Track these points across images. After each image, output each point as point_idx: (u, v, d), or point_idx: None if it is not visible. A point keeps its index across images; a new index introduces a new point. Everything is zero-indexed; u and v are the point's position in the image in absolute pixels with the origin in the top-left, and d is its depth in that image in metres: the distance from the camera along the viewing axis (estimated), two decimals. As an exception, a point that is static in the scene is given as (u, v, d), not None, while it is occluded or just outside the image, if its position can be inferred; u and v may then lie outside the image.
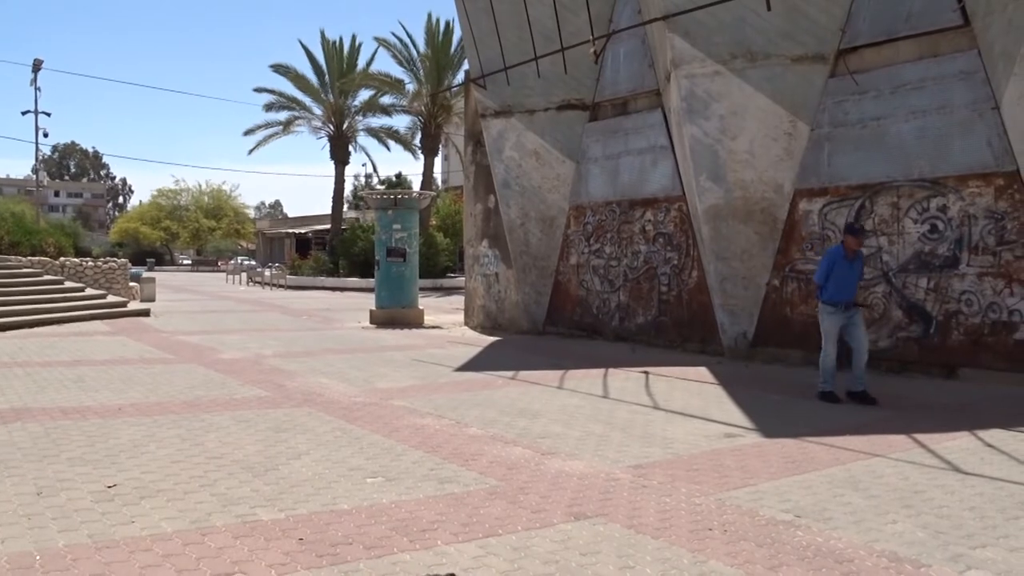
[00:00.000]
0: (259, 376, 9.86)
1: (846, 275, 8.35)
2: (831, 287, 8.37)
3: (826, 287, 8.41)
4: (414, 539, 4.19)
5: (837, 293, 8.36)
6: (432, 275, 32.82)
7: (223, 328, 16.27)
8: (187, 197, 73.34)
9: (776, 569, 3.86)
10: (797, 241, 11.33)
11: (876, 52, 10.56)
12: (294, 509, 4.67)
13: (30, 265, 20.00)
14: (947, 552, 4.11)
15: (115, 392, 8.55)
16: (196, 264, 69.83)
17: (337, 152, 39.70)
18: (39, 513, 4.52)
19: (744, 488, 5.22)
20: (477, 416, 7.51)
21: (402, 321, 17.25)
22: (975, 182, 9.60)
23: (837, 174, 10.89)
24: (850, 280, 8.41)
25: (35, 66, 46.11)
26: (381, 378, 9.84)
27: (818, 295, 8.63)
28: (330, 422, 7.17)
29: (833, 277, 8.33)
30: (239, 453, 5.97)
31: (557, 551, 4.06)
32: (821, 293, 8.52)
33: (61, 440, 6.29)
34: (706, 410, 7.98)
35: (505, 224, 15.45)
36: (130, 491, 4.97)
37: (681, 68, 11.39)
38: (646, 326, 13.57)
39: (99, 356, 11.52)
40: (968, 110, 9.63)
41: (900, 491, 5.17)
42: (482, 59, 15.01)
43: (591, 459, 5.95)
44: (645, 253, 13.61)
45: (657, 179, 13.38)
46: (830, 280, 8.36)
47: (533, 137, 14.86)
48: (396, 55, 35.79)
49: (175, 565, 3.81)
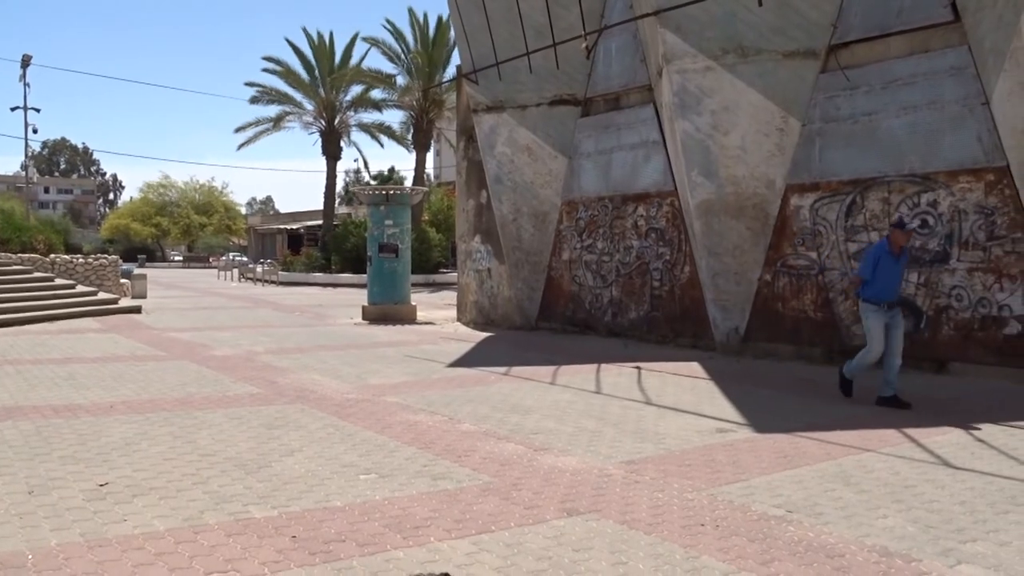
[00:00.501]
0: (251, 373, 9.84)
1: (891, 272, 7.90)
2: (875, 284, 7.89)
3: (869, 284, 7.93)
4: (407, 536, 4.20)
5: (881, 291, 7.87)
6: (425, 271, 32.79)
7: (215, 325, 16.22)
8: (176, 193, 73.01)
9: (768, 564, 3.88)
10: (789, 236, 11.36)
11: (867, 48, 10.58)
12: (287, 506, 4.67)
13: (20, 262, 19.89)
14: (937, 546, 4.13)
15: (107, 390, 8.53)
16: (187, 260, 69.48)
17: (329, 147, 39.57)
18: (31, 512, 4.51)
19: (736, 483, 5.24)
20: (470, 412, 7.52)
21: (395, 317, 17.24)
22: (965, 177, 9.64)
23: (828, 169, 10.92)
24: (894, 278, 7.97)
25: (24, 62, 45.78)
26: (374, 374, 9.84)
27: (858, 292, 8.13)
28: (323, 419, 7.16)
29: (877, 274, 7.87)
30: (232, 450, 5.96)
31: (550, 547, 4.07)
32: (863, 290, 8.02)
33: (52, 438, 6.27)
34: (698, 405, 8.01)
35: (497, 220, 15.45)
36: (122, 489, 4.96)
37: (673, 63, 11.40)
38: (638, 321, 13.59)
39: (90, 353, 11.47)
40: (959, 106, 9.66)
41: (891, 486, 5.20)
42: (474, 54, 14.99)
43: (584, 455, 5.97)
44: (637, 248, 13.62)
45: (649, 174, 13.39)
46: (874, 277, 7.89)
47: (525, 132, 14.85)
48: (387, 50, 35.73)
49: (168, 563, 3.80)
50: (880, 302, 7.88)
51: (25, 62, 45.82)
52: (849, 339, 10.66)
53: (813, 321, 11.09)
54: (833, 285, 10.88)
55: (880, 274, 7.87)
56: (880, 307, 7.89)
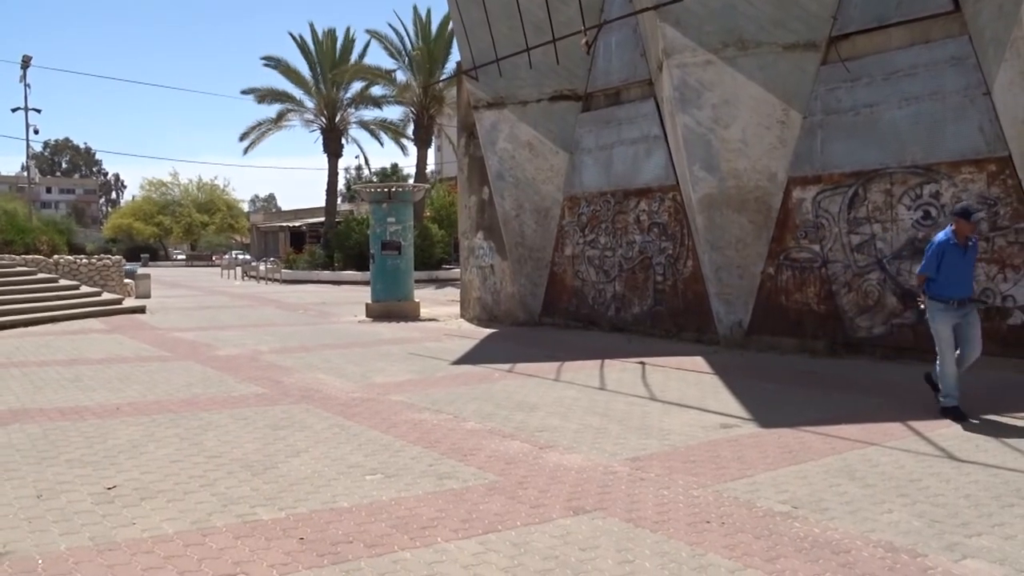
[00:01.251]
0: (256, 372, 9.86)
1: (959, 266, 7.12)
2: (941, 279, 7.13)
3: (935, 280, 7.17)
4: (414, 536, 4.22)
5: (949, 287, 7.11)
6: (427, 267, 32.82)
7: (219, 324, 16.26)
8: (178, 191, 73.09)
9: (774, 561, 3.89)
10: (791, 229, 11.35)
11: (868, 39, 10.56)
12: (294, 508, 4.69)
13: (24, 264, 19.95)
14: (943, 541, 4.15)
15: (112, 391, 8.56)
16: (190, 259, 69.61)
17: (330, 144, 39.58)
18: (40, 516, 4.54)
19: (741, 479, 5.25)
20: (475, 410, 7.54)
21: (398, 314, 17.26)
22: (968, 168, 9.62)
23: (830, 161, 10.91)
24: (964, 272, 7.19)
25: (24, 63, 45.85)
26: (378, 373, 9.86)
27: (924, 290, 7.33)
28: (328, 419, 7.19)
29: (943, 269, 7.12)
30: (238, 452, 5.99)
31: (557, 546, 4.09)
32: (927, 287, 7.26)
33: (60, 442, 6.30)
34: (702, 400, 8.02)
35: (500, 216, 15.45)
36: (130, 492, 4.99)
37: (673, 57, 11.38)
38: (642, 316, 13.60)
39: (95, 355, 11.51)
40: (960, 96, 9.64)
41: (896, 480, 5.21)
42: (473, 50, 14.97)
43: (589, 452, 5.98)
44: (640, 243, 13.62)
45: (651, 169, 13.38)
46: (939, 272, 7.13)
47: (526, 128, 14.85)
48: (387, 46, 35.69)
49: (177, 567, 3.82)
50: (949, 299, 7.12)
51: (25, 63, 45.87)
52: (853, 331, 10.67)
53: (816, 314, 11.08)
54: (836, 277, 10.88)
55: (947, 269, 7.11)
56: (949, 305, 7.13)
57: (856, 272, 10.66)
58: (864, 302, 10.57)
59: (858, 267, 10.64)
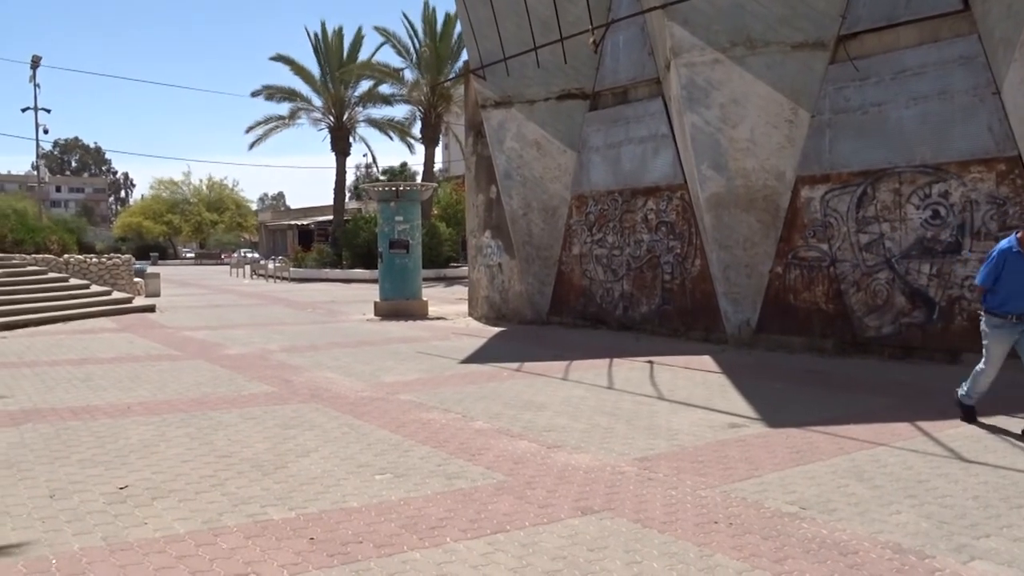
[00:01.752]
0: (266, 372, 9.91)
1: (1021, 276, 6.50)
2: (1001, 292, 6.56)
3: (994, 292, 6.61)
4: (423, 537, 4.25)
5: (1009, 300, 6.52)
6: (435, 265, 32.87)
7: (228, 323, 16.33)
8: (188, 190, 73.42)
9: (782, 562, 3.90)
10: (799, 228, 11.34)
11: (876, 38, 10.53)
12: (304, 508, 4.73)
13: (34, 263, 20.07)
14: (951, 543, 4.15)
15: (123, 391, 8.62)
16: (199, 257, 69.86)
17: (338, 143, 39.67)
18: (53, 516, 4.58)
19: (749, 480, 5.27)
20: (483, 409, 7.56)
21: (406, 313, 17.30)
22: (977, 167, 9.60)
23: (839, 161, 10.89)
24: None
25: (34, 63, 46.06)
26: (387, 372, 9.89)
27: (982, 301, 6.82)
28: (337, 418, 7.22)
29: (1004, 279, 6.52)
30: (248, 451, 6.03)
31: (565, 547, 4.11)
32: (985, 299, 6.73)
33: (71, 441, 6.35)
34: (710, 400, 8.03)
35: (507, 214, 15.47)
36: (142, 492, 5.03)
37: (681, 57, 11.38)
38: (650, 315, 13.60)
39: (106, 354, 11.58)
40: (969, 95, 9.62)
41: (904, 481, 5.21)
42: (481, 50, 14.98)
43: (597, 452, 6.00)
44: (648, 242, 13.62)
45: (659, 168, 13.38)
46: (999, 283, 6.55)
47: (534, 127, 14.86)
48: (396, 44, 35.74)
49: (189, 567, 3.86)
50: (1008, 314, 6.55)
51: (35, 63, 46.09)
52: (861, 331, 10.65)
53: (825, 313, 11.07)
54: (845, 277, 10.86)
55: (1008, 279, 6.51)
56: (1007, 320, 6.55)
57: (865, 271, 10.64)
58: (873, 301, 10.55)
59: (867, 266, 10.62)
